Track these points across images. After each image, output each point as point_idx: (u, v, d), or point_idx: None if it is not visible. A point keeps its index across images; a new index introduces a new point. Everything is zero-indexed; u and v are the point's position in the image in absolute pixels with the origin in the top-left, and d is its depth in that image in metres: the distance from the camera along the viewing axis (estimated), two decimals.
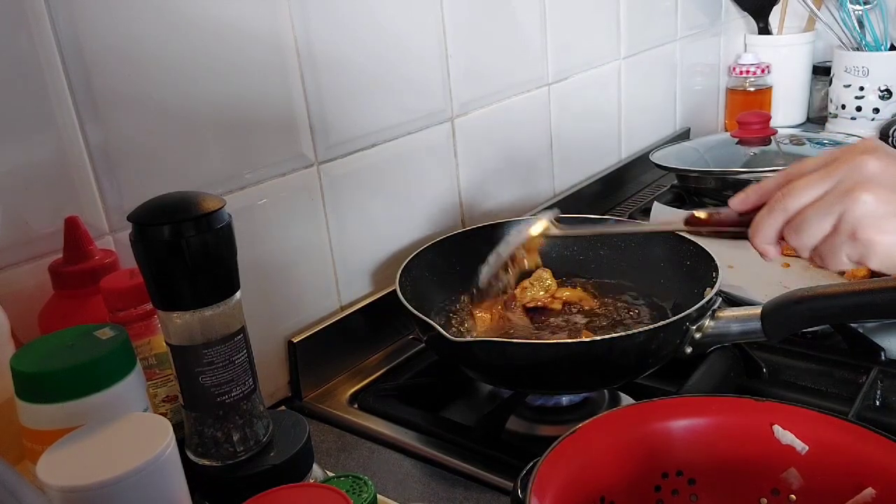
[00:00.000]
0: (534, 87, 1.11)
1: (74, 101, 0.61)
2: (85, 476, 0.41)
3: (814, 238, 0.47)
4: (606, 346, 0.65)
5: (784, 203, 0.47)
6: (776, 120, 1.53)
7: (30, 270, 0.60)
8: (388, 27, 0.86)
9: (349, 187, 0.85)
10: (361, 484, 0.52)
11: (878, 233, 0.45)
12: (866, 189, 0.44)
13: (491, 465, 0.67)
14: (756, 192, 0.52)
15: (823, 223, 0.46)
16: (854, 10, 1.45)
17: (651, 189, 1.37)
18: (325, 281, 0.85)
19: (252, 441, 0.54)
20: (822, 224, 0.46)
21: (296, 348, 0.80)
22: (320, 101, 0.79)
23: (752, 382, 0.77)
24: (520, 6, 1.05)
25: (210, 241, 0.48)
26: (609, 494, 0.50)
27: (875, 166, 0.44)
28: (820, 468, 0.50)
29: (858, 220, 0.45)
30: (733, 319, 0.70)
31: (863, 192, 0.44)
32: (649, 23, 1.37)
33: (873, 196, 0.44)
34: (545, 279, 0.86)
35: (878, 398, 0.73)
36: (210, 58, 0.69)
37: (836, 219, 0.46)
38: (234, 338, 0.51)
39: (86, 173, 0.62)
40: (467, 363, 0.72)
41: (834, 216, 0.46)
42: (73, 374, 0.46)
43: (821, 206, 0.46)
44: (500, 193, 1.08)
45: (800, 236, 0.47)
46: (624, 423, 0.52)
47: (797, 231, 0.47)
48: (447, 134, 0.97)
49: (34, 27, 0.58)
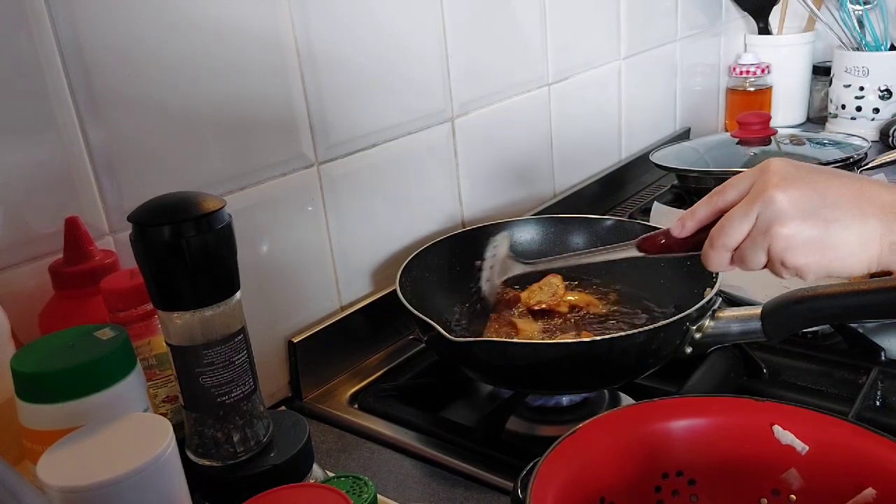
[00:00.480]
0: (534, 87, 1.11)
1: (75, 102, 0.61)
2: (85, 476, 0.41)
3: (756, 264, 0.57)
4: (606, 346, 0.65)
5: (723, 242, 0.57)
6: (776, 120, 1.54)
7: (30, 271, 0.60)
8: (388, 27, 0.86)
9: (349, 187, 0.85)
10: (361, 484, 0.52)
11: (801, 257, 0.54)
12: (780, 224, 0.54)
13: (491, 466, 0.67)
14: (692, 220, 0.60)
15: (759, 254, 0.56)
16: (854, 10, 1.45)
17: (651, 189, 1.37)
18: (326, 281, 0.85)
19: (252, 441, 0.54)
20: (758, 255, 0.56)
21: (296, 348, 0.80)
22: (320, 101, 0.79)
23: (752, 382, 0.77)
24: (520, 6, 1.05)
25: (210, 241, 0.48)
26: (609, 495, 0.50)
27: (782, 201, 0.54)
28: (820, 468, 0.50)
29: (782, 251, 0.54)
30: (733, 319, 0.70)
31: (779, 227, 0.54)
32: (649, 23, 1.37)
33: (786, 230, 0.53)
34: (554, 284, 0.86)
35: (879, 398, 0.73)
36: (210, 58, 0.69)
37: (766, 251, 0.55)
38: (235, 338, 0.51)
39: (86, 174, 0.62)
40: (467, 363, 0.72)
41: (764, 250, 0.55)
42: (73, 375, 0.46)
43: (750, 242, 0.56)
44: (500, 193, 1.08)
45: (745, 264, 0.57)
46: (624, 423, 0.52)
47: (741, 261, 0.57)
48: (447, 134, 0.97)
49: (34, 27, 0.58)
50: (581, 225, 0.94)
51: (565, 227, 0.95)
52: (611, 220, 0.94)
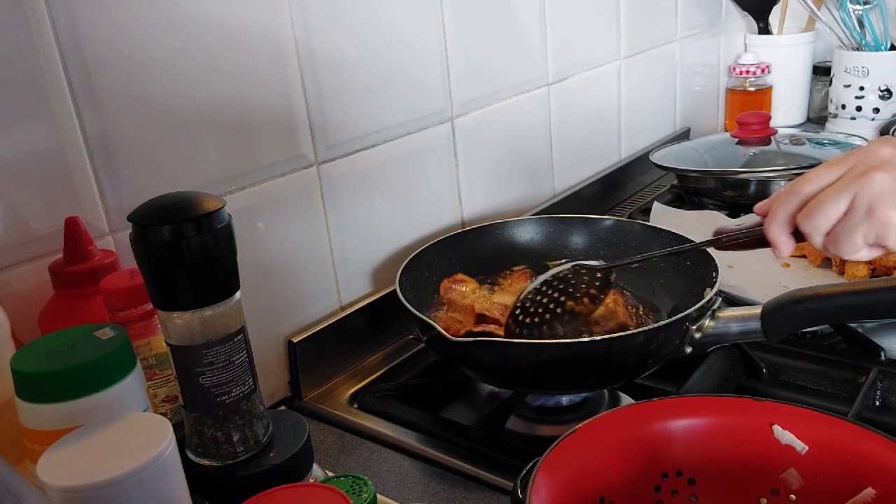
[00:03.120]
0: (534, 87, 1.11)
1: (75, 101, 0.61)
2: (85, 476, 0.41)
3: (828, 220, 0.46)
4: (606, 346, 0.65)
5: (798, 187, 0.47)
6: (776, 120, 1.54)
7: (30, 270, 0.60)
8: (388, 27, 0.86)
9: (349, 187, 0.85)
10: (361, 484, 0.52)
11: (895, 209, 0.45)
12: (881, 169, 0.44)
13: (491, 465, 0.67)
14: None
15: (839, 203, 0.46)
16: (854, 10, 1.45)
17: (651, 189, 1.37)
18: (325, 281, 0.85)
19: (252, 441, 0.54)
20: (837, 205, 0.46)
21: (296, 348, 0.80)
22: (320, 100, 0.79)
23: (752, 382, 0.77)
24: (520, 6, 1.05)
25: (210, 241, 0.48)
26: (609, 494, 0.50)
27: (888, 151, 0.45)
28: (820, 468, 0.50)
29: (875, 196, 0.45)
30: (733, 319, 0.70)
31: (878, 171, 0.44)
32: (649, 23, 1.37)
33: (888, 175, 0.44)
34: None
35: (878, 398, 0.73)
36: (210, 57, 0.69)
37: (850, 199, 0.46)
38: (234, 338, 0.51)
39: (86, 173, 0.62)
40: (467, 363, 0.72)
41: (849, 196, 0.46)
42: (73, 374, 0.46)
43: (835, 187, 0.46)
44: (500, 193, 1.08)
45: (814, 219, 0.47)
46: (624, 423, 0.52)
47: (811, 215, 0.47)
48: (447, 134, 0.97)
49: (34, 27, 0.58)
50: (581, 225, 0.94)
51: (565, 227, 0.94)
52: (610, 220, 0.94)
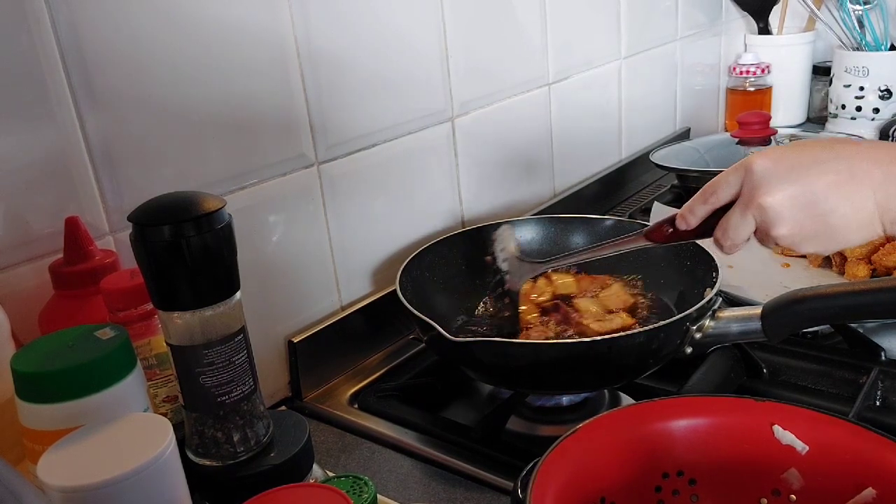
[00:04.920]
0: (534, 86, 1.11)
1: (75, 101, 0.61)
2: (85, 476, 0.41)
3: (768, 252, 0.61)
4: (606, 346, 0.65)
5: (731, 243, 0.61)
6: (776, 120, 1.54)
7: (30, 270, 0.60)
8: (388, 27, 0.86)
9: (349, 187, 0.85)
10: (362, 484, 0.52)
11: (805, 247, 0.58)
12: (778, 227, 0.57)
13: (491, 465, 0.67)
14: (693, 217, 0.63)
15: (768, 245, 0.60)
16: (854, 10, 1.45)
17: (651, 189, 1.37)
18: (325, 281, 0.85)
19: (252, 441, 0.54)
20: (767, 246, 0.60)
21: (296, 348, 0.80)
22: (321, 100, 0.79)
23: (752, 382, 0.77)
24: (520, 6, 1.05)
25: (210, 241, 0.48)
26: (609, 495, 0.50)
27: (772, 206, 0.56)
28: (820, 468, 0.50)
29: (787, 245, 0.58)
30: (733, 319, 0.70)
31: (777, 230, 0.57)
32: (649, 23, 1.37)
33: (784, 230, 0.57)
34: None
35: (879, 398, 0.73)
36: (211, 56, 0.69)
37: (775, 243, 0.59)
38: (235, 338, 0.51)
39: (86, 173, 0.62)
40: (467, 363, 0.72)
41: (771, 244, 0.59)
42: (73, 374, 0.46)
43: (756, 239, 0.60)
44: (500, 193, 1.08)
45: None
46: (624, 423, 0.52)
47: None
48: (447, 134, 0.97)
49: (34, 27, 0.58)
50: (581, 225, 0.94)
51: (565, 227, 0.94)
52: (611, 220, 0.94)
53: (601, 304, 0.84)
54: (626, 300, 0.85)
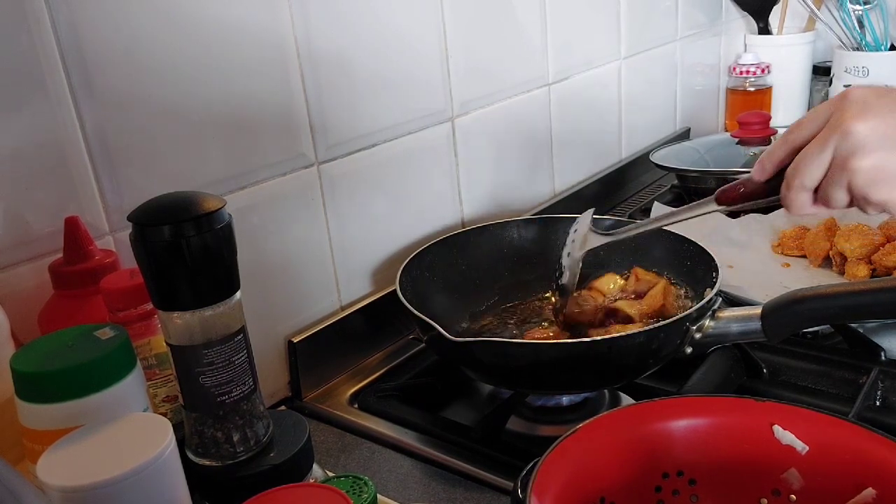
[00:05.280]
0: (534, 86, 1.11)
1: (75, 100, 0.61)
2: (85, 476, 0.41)
3: (839, 203, 0.55)
4: (606, 346, 0.65)
5: (800, 182, 0.55)
6: (776, 120, 1.53)
7: (30, 270, 0.60)
8: (388, 27, 0.86)
9: (349, 187, 0.85)
10: (361, 484, 0.52)
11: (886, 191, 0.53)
12: (861, 157, 0.52)
13: (491, 465, 0.67)
14: (770, 161, 0.58)
15: (840, 192, 0.54)
16: (854, 10, 1.45)
17: (651, 189, 1.37)
18: (325, 281, 0.85)
19: (252, 441, 0.54)
20: (838, 193, 0.54)
21: (296, 348, 0.80)
22: (320, 100, 0.79)
23: (752, 382, 0.77)
24: (520, 6, 1.05)
25: (210, 241, 0.48)
26: (609, 495, 0.50)
27: (860, 132, 0.51)
28: (820, 468, 0.50)
29: (864, 186, 0.53)
30: (733, 319, 0.70)
31: (859, 161, 0.52)
32: (649, 23, 1.37)
33: (867, 162, 0.52)
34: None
35: (879, 398, 0.73)
36: (211, 57, 0.69)
37: (847, 188, 0.53)
38: (234, 338, 0.51)
39: (86, 173, 0.62)
40: (467, 363, 0.72)
41: (844, 187, 0.54)
42: (73, 374, 0.46)
43: (829, 179, 0.54)
44: (500, 193, 1.08)
45: (828, 204, 0.56)
46: (624, 423, 0.52)
47: (824, 201, 0.56)
48: (447, 134, 0.97)
49: (34, 27, 0.58)
50: None
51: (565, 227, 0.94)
52: (611, 220, 0.94)
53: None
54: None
